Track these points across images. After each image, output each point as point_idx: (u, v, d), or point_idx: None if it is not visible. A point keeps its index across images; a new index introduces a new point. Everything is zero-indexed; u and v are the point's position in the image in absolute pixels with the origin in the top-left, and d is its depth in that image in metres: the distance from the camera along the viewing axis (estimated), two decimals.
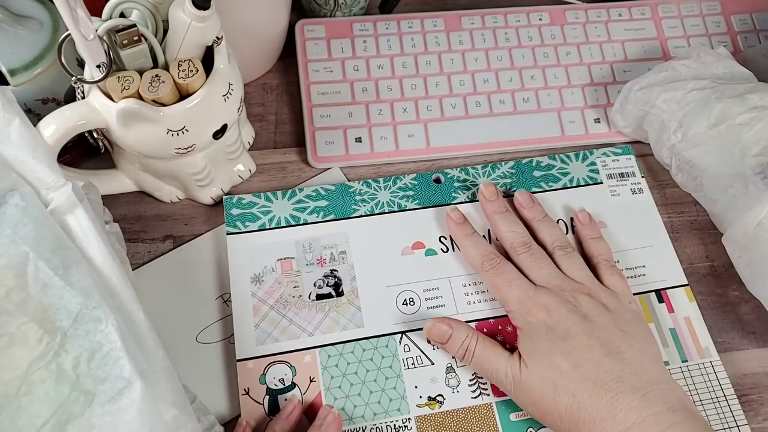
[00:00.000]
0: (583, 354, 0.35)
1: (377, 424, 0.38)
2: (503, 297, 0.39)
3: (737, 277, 0.42)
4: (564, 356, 0.35)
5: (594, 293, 0.38)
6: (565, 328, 0.36)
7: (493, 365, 0.37)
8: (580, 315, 0.36)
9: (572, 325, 0.36)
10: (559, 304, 0.37)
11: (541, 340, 0.36)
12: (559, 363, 0.35)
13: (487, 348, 0.38)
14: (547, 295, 0.37)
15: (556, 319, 0.36)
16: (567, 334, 0.35)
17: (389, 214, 0.44)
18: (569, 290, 0.38)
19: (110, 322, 0.30)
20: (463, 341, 0.38)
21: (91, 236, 0.32)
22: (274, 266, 0.42)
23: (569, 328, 0.36)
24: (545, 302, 0.37)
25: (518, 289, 0.38)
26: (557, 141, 0.48)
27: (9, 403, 0.28)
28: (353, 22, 0.51)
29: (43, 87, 0.39)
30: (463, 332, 0.38)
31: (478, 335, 0.38)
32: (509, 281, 0.39)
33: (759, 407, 0.40)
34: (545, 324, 0.36)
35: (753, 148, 0.41)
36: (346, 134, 0.47)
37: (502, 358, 0.37)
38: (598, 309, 0.37)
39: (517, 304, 0.38)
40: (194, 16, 0.33)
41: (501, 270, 0.39)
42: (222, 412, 0.38)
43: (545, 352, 0.35)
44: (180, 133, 0.36)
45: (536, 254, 0.40)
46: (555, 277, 0.39)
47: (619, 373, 0.34)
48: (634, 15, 0.54)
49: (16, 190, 0.32)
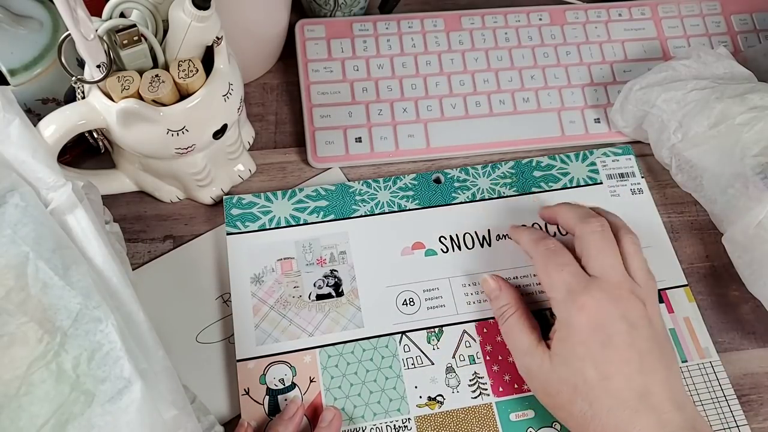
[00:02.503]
0: (618, 367, 0.33)
1: (377, 424, 0.38)
2: (551, 280, 0.36)
3: (737, 277, 0.42)
4: (595, 366, 0.33)
5: (647, 298, 0.35)
6: (607, 335, 0.33)
7: (517, 343, 0.36)
8: (627, 323, 0.33)
9: (616, 334, 0.33)
10: (611, 304, 0.34)
11: (578, 344, 0.34)
12: (588, 371, 0.33)
13: (519, 324, 0.37)
14: (600, 290, 0.34)
15: (601, 321, 0.33)
16: (608, 341, 0.33)
17: (389, 214, 0.44)
18: (626, 290, 0.35)
19: (110, 322, 0.30)
20: (502, 306, 0.38)
21: (91, 236, 0.32)
22: (274, 266, 0.42)
23: (612, 336, 0.33)
24: (596, 297, 0.34)
25: (571, 276, 0.35)
26: (557, 141, 0.48)
27: (9, 403, 0.28)
28: (353, 22, 0.51)
29: (43, 87, 0.39)
30: (505, 298, 0.38)
31: (518, 308, 0.37)
32: (562, 265, 0.36)
33: (759, 407, 0.40)
34: (588, 324, 0.34)
35: (753, 148, 0.41)
36: (346, 134, 0.47)
37: (529, 341, 0.36)
38: (645, 320, 0.34)
39: (564, 291, 0.35)
40: (194, 16, 0.33)
41: (558, 252, 0.36)
42: (222, 412, 0.38)
43: (578, 357, 0.34)
44: (180, 133, 0.36)
45: (607, 236, 0.36)
46: (618, 271, 0.35)
47: (643, 391, 0.32)
48: (634, 15, 0.54)
49: (16, 190, 0.32)
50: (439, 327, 0.41)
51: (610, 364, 0.33)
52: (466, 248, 0.43)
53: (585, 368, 0.33)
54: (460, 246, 0.43)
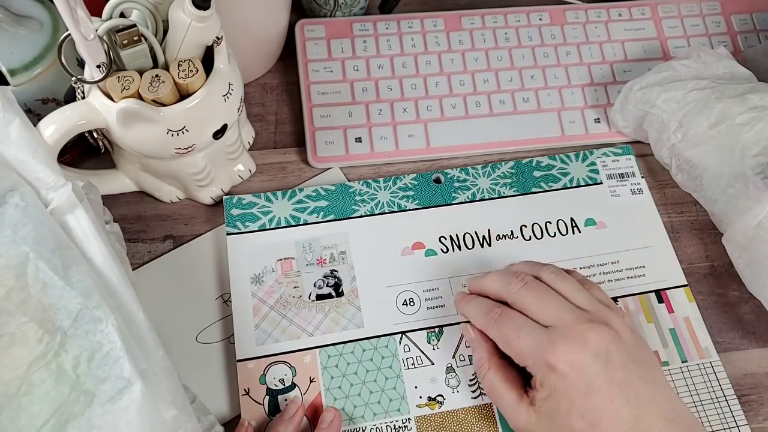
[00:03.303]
0: (603, 410, 0.32)
1: (377, 424, 0.38)
2: (515, 351, 0.35)
3: (737, 277, 0.42)
4: (582, 417, 0.33)
5: (605, 318, 0.34)
6: (587, 383, 0.33)
7: (499, 400, 0.36)
8: (602, 360, 0.33)
9: (594, 377, 0.33)
10: (579, 349, 0.33)
11: (561, 401, 0.33)
12: (576, 425, 0.33)
13: (498, 380, 0.36)
14: (563, 341, 0.33)
15: (577, 373, 0.33)
16: (589, 390, 0.33)
17: (389, 214, 0.44)
18: (584, 321, 0.34)
19: (110, 322, 0.30)
20: (478, 360, 0.37)
21: (91, 236, 0.32)
22: (274, 266, 0.42)
23: (591, 383, 0.33)
24: (563, 350, 0.33)
25: (528, 338, 0.34)
26: (557, 141, 0.48)
27: (9, 403, 0.28)
28: (353, 22, 0.51)
29: (43, 87, 0.39)
30: (479, 352, 0.37)
31: (493, 363, 0.36)
32: (516, 330, 0.35)
33: (759, 407, 0.40)
34: (566, 380, 0.33)
35: (753, 148, 0.41)
36: (346, 134, 0.47)
37: (511, 398, 0.35)
38: (615, 343, 0.33)
39: (531, 357, 0.34)
40: (194, 16, 0.33)
41: (505, 318, 0.35)
42: (222, 412, 0.38)
43: (563, 413, 0.33)
44: (180, 133, 0.36)
45: (534, 287, 0.36)
46: (564, 310, 0.34)
47: (633, 421, 0.32)
48: (634, 15, 0.54)
49: (16, 190, 0.32)
50: (439, 327, 0.41)
51: (595, 410, 0.33)
52: (466, 248, 0.43)
53: (572, 422, 0.33)
54: (460, 246, 0.43)
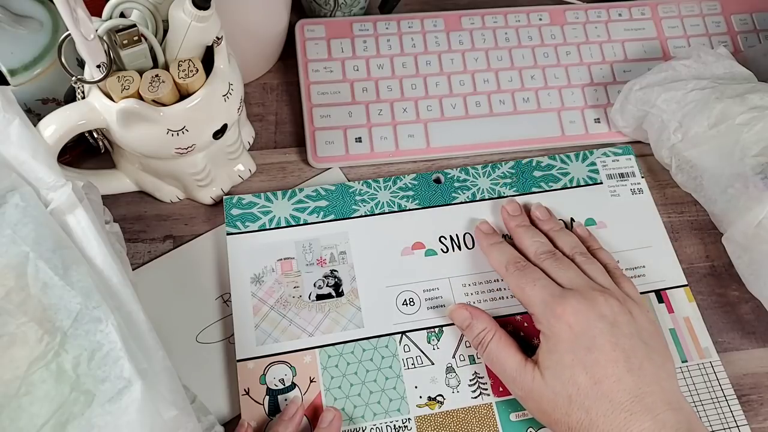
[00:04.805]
0: (606, 369, 0.33)
1: (377, 424, 0.38)
2: (527, 297, 0.37)
3: (737, 277, 0.42)
4: (585, 370, 0.33)
5: (620, 298, 0.36)
6: (591, 336, 0.34)
7: (504, 366, 0.36)
8: (607, 322, 0.35)
9: (599, 334, 0.34)
10: (588, 307, 0.35)
11: (565, 352, 0.34)
12: (579, 378, 0.33)
13: (501, 347, 0.37)
14: (574, 297, 0.36)
15: (582, 326, 0.34)
16: (592, 344, 0.34)
17: (389, 214, 0.44)
18: (598, 291, 0.36)
19: (110, 322, 0.30)
20: (479, 333, 0.38)
21: (91, 236, 0.32)
22: (274, 266, 0.42)
23: (595, 337, 0.34)
24: (573, 304, 0.35)
25: (543, 288, 0.37)
26: (557, 141, 0.48)
27: (9, 403, 0.28)
28: (353, 22, 0.51)
29: (43, 87, 0.39)
30: (481, 324, 0.38)
31: (496, 331, 0.38)
32: (534, 281, 0.37)
33: (759, 407, 0.40)
34: (570, 331, 0.34)
35: (753, 148, 0.41)
36: (346, 134, 0.47)
37: (515, 361, 0.36)
38: (625, 316, 0.35)
39: (542, 305, 0.36)
40: (194, 16, 0.33)
41: (526, 271, 0.38)
42: (222, 412, 0.38)
43: (567, 366, 0.34)
44: (180, 133, 0.36)
45: (561, 259, 0.39)
46: (582, 278, 0.37)
47: (636, 392, 0.33)
48: (634, 15, 0.54)
49: (16, 190, 0.32)
50: (439, 327, 0.41)
51: (598, 366, 0.33)
52: (466, 248, 0.43)
53: (576, 375, 0.33)
54: (460, 246, 0.43)
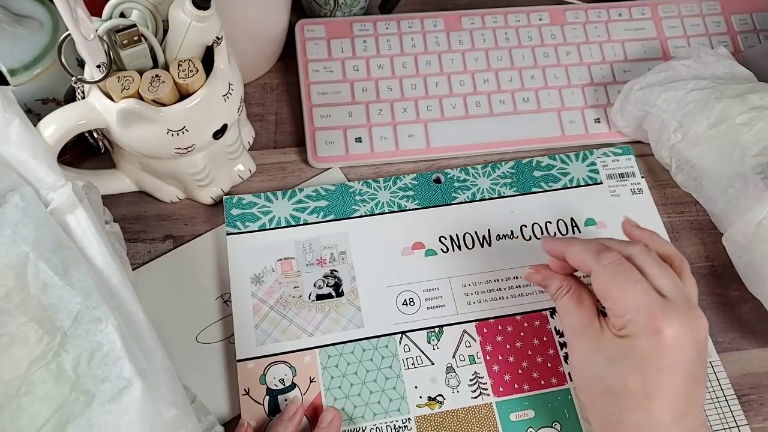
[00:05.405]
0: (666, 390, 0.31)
1: (377, 424, 0.38)
2: (622, 299, 0.32)
3: (737, 277, 0.42)
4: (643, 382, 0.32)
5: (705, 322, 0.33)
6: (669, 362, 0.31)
7: (572, 320, 0.35)
8: (696, 349, 0.32)
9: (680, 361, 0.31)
10: (686, 331, 0.31)
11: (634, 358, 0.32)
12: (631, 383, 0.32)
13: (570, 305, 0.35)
14: (677, 315, 0.31)
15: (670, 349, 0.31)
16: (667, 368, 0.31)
17: (389, 214, 0.44)
18: (699, 312, 0.32)
19: (110, 322, 0.30)
20: (555, 292, 0.36)
21: (91, 236, 0.32)
22: (274, 266, 0.42)
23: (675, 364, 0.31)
24: (674, 323, 0.31)
25: (644, 294, 0.32)
26: (557, 141, 0.48)
27: (9, 403, 0.28)
28: (353, 22, 0.51)
29: (43, 87, 0.39)
30: (555, 284, 0.36)
31: (571, 287, 0.36)
32: (634, 282, 0.32)
33: (759, 407, 0.40)
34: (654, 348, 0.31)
35: (753, 148, 0.41)
36: (346, 134, 0.47)
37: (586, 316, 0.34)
38: (707, 341, 0.34)
39: (637, 312, 0.32)
40: (194, 16, 0.33)
41: (625, 268, 0.33)
42: (222, 412, 0.38)
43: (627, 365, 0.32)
44: (180, 133, 0.36)
45: (659, 259, 0.34)
46: (682, 291, 0.33)
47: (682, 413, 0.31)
48: (634, 15, 0.54)
49: (16, 190, 0.32)
50: (439, 327, 0.41)
51: (659, 386, 0.31)
52: (466, 248, 0.43)
53: (629, 378, 0.32)
54: (460, 246, 0.43)
